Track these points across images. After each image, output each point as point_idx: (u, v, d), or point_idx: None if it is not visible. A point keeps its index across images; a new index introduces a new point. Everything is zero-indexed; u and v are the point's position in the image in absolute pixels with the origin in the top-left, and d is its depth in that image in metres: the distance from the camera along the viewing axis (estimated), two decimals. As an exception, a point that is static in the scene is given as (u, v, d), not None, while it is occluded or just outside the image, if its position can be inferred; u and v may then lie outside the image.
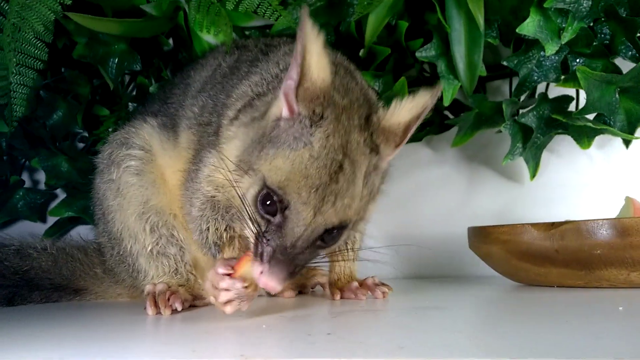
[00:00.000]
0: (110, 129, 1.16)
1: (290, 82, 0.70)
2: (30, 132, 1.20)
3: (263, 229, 0.69)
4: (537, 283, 0.94)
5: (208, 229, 0.80)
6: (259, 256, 0.68)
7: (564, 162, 1.17)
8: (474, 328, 0.66)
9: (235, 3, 0.91)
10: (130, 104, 1.21)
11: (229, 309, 0.70)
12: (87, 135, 1.24)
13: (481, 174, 1.21)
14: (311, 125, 0.69)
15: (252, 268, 0.69)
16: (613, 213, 1.00)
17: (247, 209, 0.71)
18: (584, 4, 0.98)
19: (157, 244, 0.87)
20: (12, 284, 0.97)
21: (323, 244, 0.71)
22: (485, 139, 1.18)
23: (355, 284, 0.88)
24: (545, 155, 1.09)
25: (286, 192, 0.67)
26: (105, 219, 0.91)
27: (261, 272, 0.67)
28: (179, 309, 0.80)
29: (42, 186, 1.30)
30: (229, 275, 0.71)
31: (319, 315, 0.76)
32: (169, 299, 0.80)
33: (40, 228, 1.26)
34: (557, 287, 0.91)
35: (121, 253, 0.90)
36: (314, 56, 0.68)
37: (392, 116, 0.73)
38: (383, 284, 0.89)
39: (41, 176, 1.29)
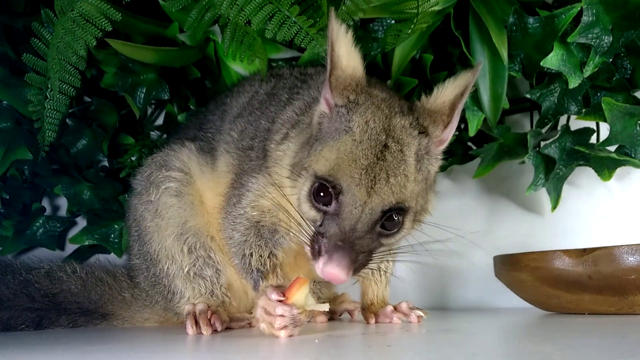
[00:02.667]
0: (133, 158, 1.17)
1: (325, 82, 0.75)
2: (54, 159, 1.21)
3: (319, 223, 0.71)
4: (567, 311, 0.95)
5: (252, 254, 0.81)
6: (317, 252, 0.69)
7: (583, 193, 1.19)
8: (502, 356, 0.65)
9: (273, 33, 0.94)
10: (153, 132, 1.23)
11: (284, 333, 0.71)
12: (107, 164, 1.25)
13: (502, 205, 1.23)
14: (348, 113, 0.74)
15: (303, 291, 0.71)
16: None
17: (301, 213, 0.73)
18: (605, 40, 1.01)
19: (194, 266, 0.88)
20: (41, 307, 0.96)
21: (384, 230, 0.72)
22: (506, 171, 1.20)
23: (390, 307, 0.89)
24: (565, 188, 1.11)
25: (337, 177, 0.70)
26: (141, 240, 0.91)
27: (323, 265, 0.68)
28: (220, 328, 0.80)
29: (62, 213, 1.30)
30: (281, 301, 0.71)
31: (363, 335, 0.75)
32: (210, 319, 0.80)
33: (58, 256, 1.25)
34: (588, 314, 0.92)
35: (157, 274, 0.90)
36: (343, 46, 0.73)
37: (436, 99, 0.77)
38: (418, 309, 0.89)
39: (61, 203, 1.29)
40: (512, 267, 0.97)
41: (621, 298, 0.87)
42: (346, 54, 0.74)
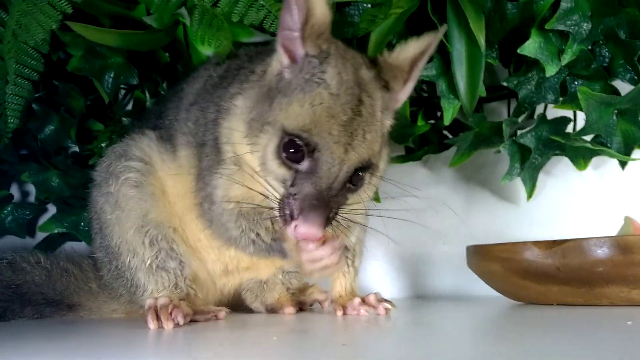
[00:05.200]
0: (104, 144, 1.14)
1: (287, 32, 0.72)
2: (20, 145, 1.18)
3: (289, 183, 0.70)
4: (536, 301, 0.95)
5: (258, 234, 0.79)
6: (288, 216, 0.68)
7: (559, 183, 1.18)
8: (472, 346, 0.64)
9: (240, 16, 0.91)
10: (124, 118, 1.20)
11: (340, 262, 0.74)
12: (78, 150, 1.22)
13: (478, 194, 1.21)
14: (320, 64, 0.71)
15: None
16: (608, 233, 1.00)
17: (267, 173, 0.72)
18: (584, 27, 0.99)
19: (156, 258, 0.85)
20: (4, 299, 0.94)
21: (352, 186, 0.72)
22: (482, 159, 1.19)
23: (358, 300, 0.87)
24: (541, 177, 1.10)
25: (313, 134, 0.68)
26: (102, 233, 0.89)
27: (296, 226, 0.67)
28: (182, 322, 0.78)
29: (31, 199, 1.27)
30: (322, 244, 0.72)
31: (325, 330, 0.74)
32: (171, 313, 0.78)
33: (28, 244, 1.23)
34: (556, 305, 0.91)
35: (119, 267, 0.88)
36: None
37: (398, 55, 0.77)
38: (386, 300, 0.88)
39: (30, 189, 1.26)
40: (483, 258, 0.96)
41: (588, 290, 0.86)
42: (320, 2, 0.71)
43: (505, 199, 1.20)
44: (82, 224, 1.19)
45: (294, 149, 0.69)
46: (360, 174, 0.72)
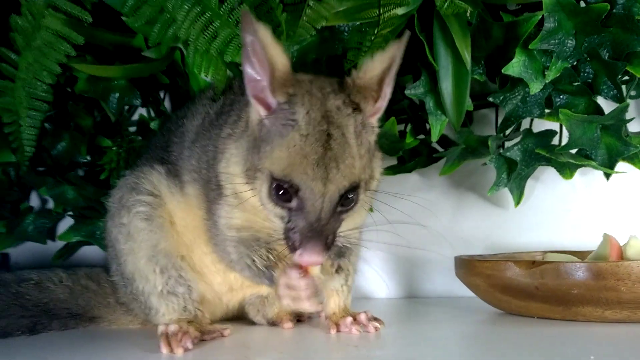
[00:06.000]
0: (113, 159, 1.21)
1: (254, 84, 0.78)
2: (37, 161, 1.25)
3: (286, 219, 0.77)
4: (518, 314, 1.02)
5: (253, 260, 0.87)
6: (292, 247, 0.77)
7: (547, 189, 1.23)
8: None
9: (232, 57, 0.95)
10: (131, 128, 1.26)
11: (309, 304, 0.79)
12: (89, 165, 1.29)
13: (468, 200, 1.27)
14: (289, 107, 0.77)
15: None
16: (594, 238, 1.06)
17: (267, 210, 0.80)
18: (568, 44, 1.01)
19: (166, 284, 0.94)
20: (34, 315, 1.03)
21: (343, 208, 0.79)
22: (472, 166, 1.23)
23: (350, 319, 0.95)
24: (529, 183, 1.15)
25: (292, 176, 0.75)
26: (117, 261, 0.97)
27: (300, 255, 0.75)
28: (190, 347, 0.87)
29: (50, 206, 1.36)
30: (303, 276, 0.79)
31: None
32: (180, 340, 0.87)
33: (48, 250, 1.32)
34: (537, 318, 0.99)
35: (134, 292, 0.97)
36: (272, 46, 0.76)
37: (365, 74, 0.81)
38: (375, 319, 0.96)
39: (49, 199, 1.35)
40: (468, 271, 1.03)
41: (565, 308, 0.93)
42: (277, 53, 0.77)
43: (494, 204, 1.25)
44: (98, 232, 1.27)
45: (282, 191, 0.77)
46: (349, 196, 0.78)
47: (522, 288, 0.95)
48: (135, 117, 1.28)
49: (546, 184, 1.23)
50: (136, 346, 0.91)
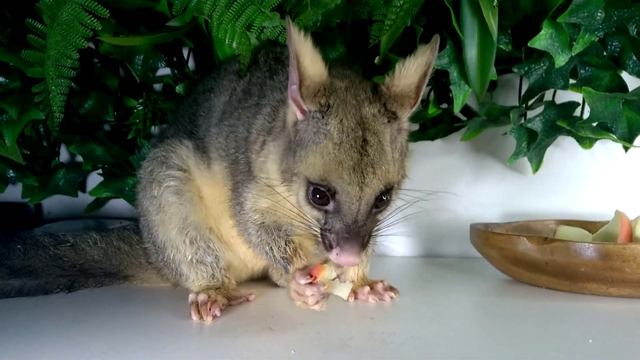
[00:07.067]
0: (140, 119, 1.24)
1: (293, 87, 0.80)
2: (66, 119, 1.28)
3: (322, 221, 0.81)
4: (528, 283, 1.07)
5: (272, 249, 0.92)
6: (328, 246, 0.81)
7: (566, 156, 1.24)
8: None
9: (257, 33, 0.95)
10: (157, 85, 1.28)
11: (317, 307, 0.84)
12: (115, 125, 1.33)
13: (488, 164, 1.29)
14: (323, 117, 0.80)
15: (329, 260, 0.82)
16: (612, 206, 1.09)
17: (304, 211, 0.83)
18: (597, 17, 0.99)
19: (195, 254, 1.00)
20: (71, 274, 1.10)
21: (378, 209, 0.82)
22: (493, 133, 1.24)
23: (367, 288, 1.01)
24: (549, 150, 1.16)
25: (329, 181, 0.78)
26: (149, 230, 1.03)
27: (337, 255, 0.79)
28: (219, 315, 0.94)
29: (79, 160, 1.40)
30: (310, 283, 0.83)
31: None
32: (210, 308, 0.94)
33: (79, 203, 1.39)
34: (545, 288, 1.03)
35: (165, 260, 1.03)
36: (307, 56, 0.78)
37: (400, 81, 0.82)
38: (391, 288, 1.01)
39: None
40: (482, 242, 1.07)
41: (572, 283, 0.98)
42: (310, 63, 0.78)
43: (513, 169, 1.27)
44: (126, 189, 1.32)
45: (319, 195, 0.80)
46: (384, 198, 0.82)
47: (533, 262, 1.00)
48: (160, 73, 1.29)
49: (566, 150, 1.24)
50: (167, 310, 0.98)
